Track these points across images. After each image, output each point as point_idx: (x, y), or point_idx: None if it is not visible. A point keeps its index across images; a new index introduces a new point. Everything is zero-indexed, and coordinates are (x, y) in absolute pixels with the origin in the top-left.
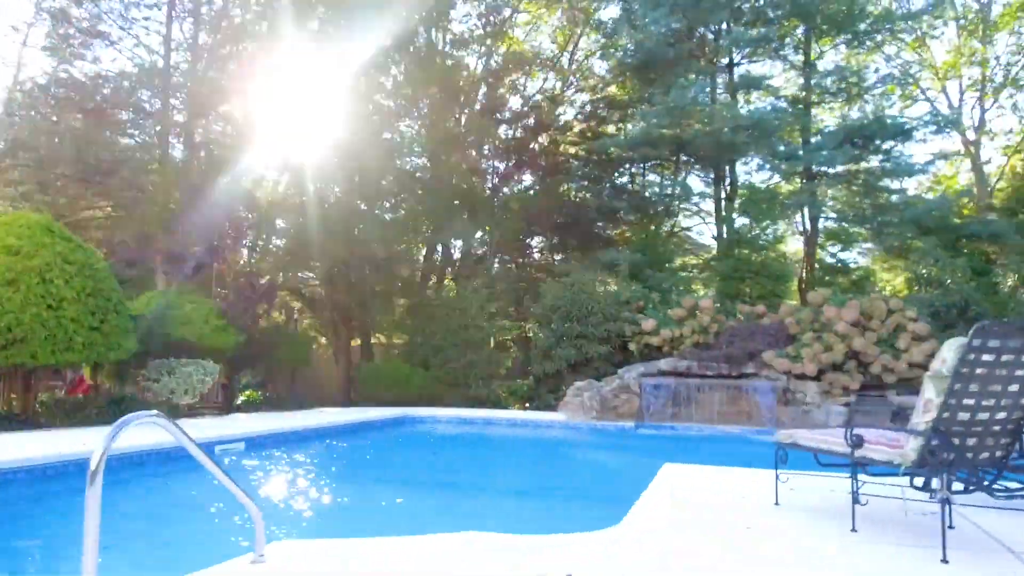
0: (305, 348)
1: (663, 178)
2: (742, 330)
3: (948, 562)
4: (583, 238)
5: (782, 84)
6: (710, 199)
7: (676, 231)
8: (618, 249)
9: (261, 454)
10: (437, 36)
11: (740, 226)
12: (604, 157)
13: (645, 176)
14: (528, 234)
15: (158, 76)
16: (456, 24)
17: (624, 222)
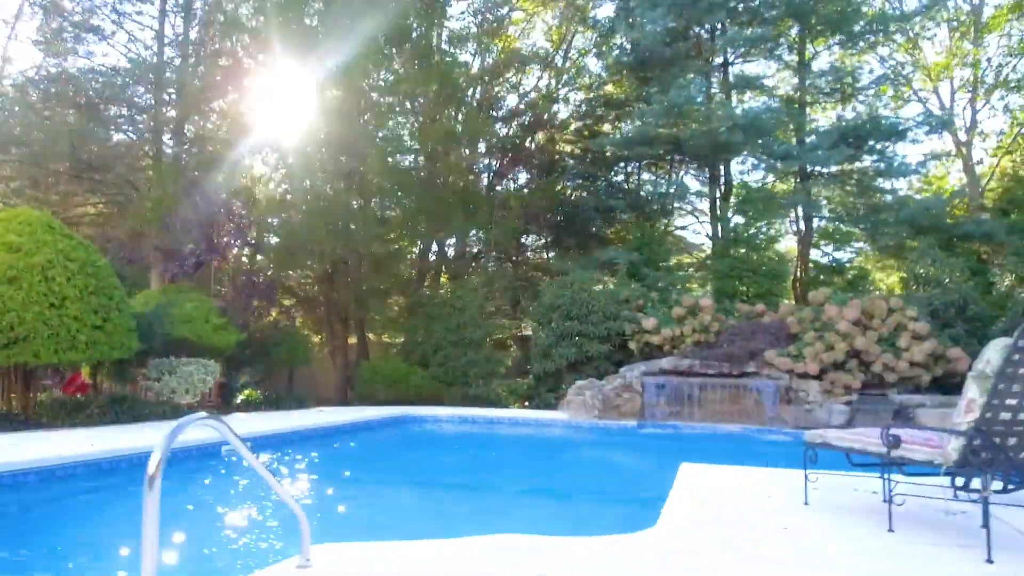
0: (304, 347)
1: (658, 177)
2: (743, 329)
3: (993, 562)
4: (579, 237)
5: (776, 84)
6: (705, 198)
7: (671, 230)
8: (615, 248)
9: (266, 454)
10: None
11: (735, 225)
12: (600, 155)
13: (640, 175)
14: (524, 232)
15: (151, 71)
16: (453, 22)
17: (620, 221)
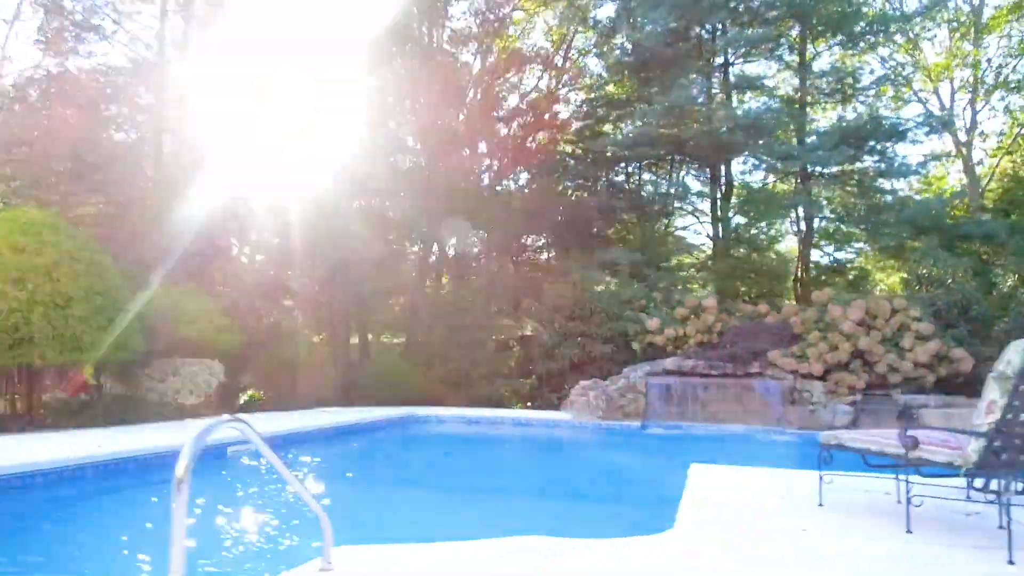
0: (306, 347)
1: (658, 177)
2: (746, 330)
3: (1014, 563)
4: (580, 237)
5: (776, 84)
6: (706, 199)
7: (671, 230)
8: (617, 248)
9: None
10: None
11: (737, 225)
12: (600, 155)
13: (641, 175)
14: (526, 233)
15: (153, 71)
16: (455, 21)
17: (621, 221)
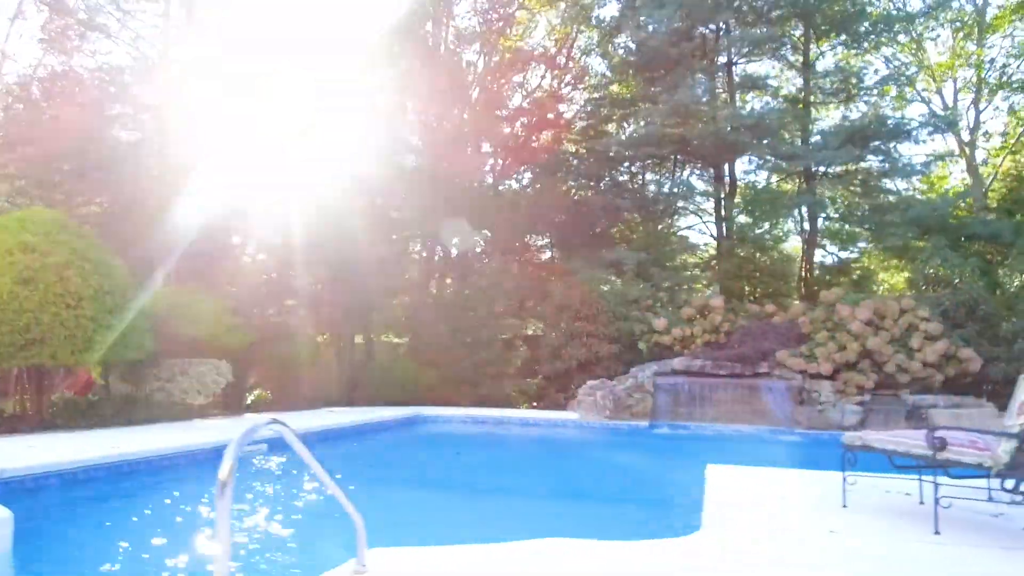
0: (314, 347)
1: (661, 177)
2: (754, 329)
3: None
4: (584, 237)
5: (780, 84)
6: (710, 198)
7: (675, 230)
8: (622, 248)
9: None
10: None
11: (741, 225)
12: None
13: (644, 175)
14: (529, 232)
15: (156, 70)
16: (459, 20)
17: (625, 220)
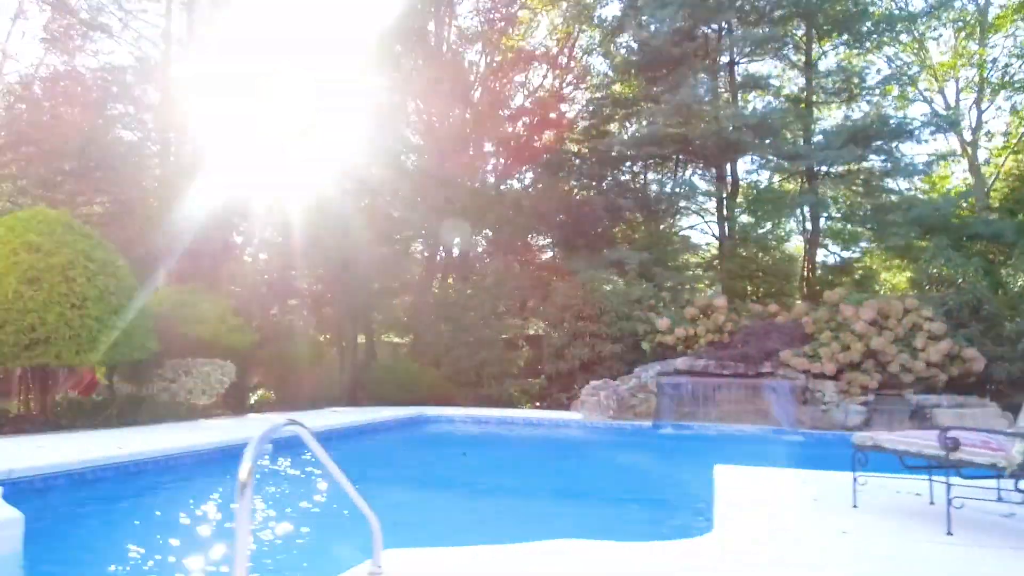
0: (317, 347)
1: (663, 176)
2: (757, 329)
3: None
4: (586, 236)
5: (782, 84)
6: (712, 198)
7: (677, 230)
8: (624, 247)
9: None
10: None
11: (744, 224)
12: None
13: (646, 174)
14: (531, 232)
15: (158, 69)
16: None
17: (627, 220)
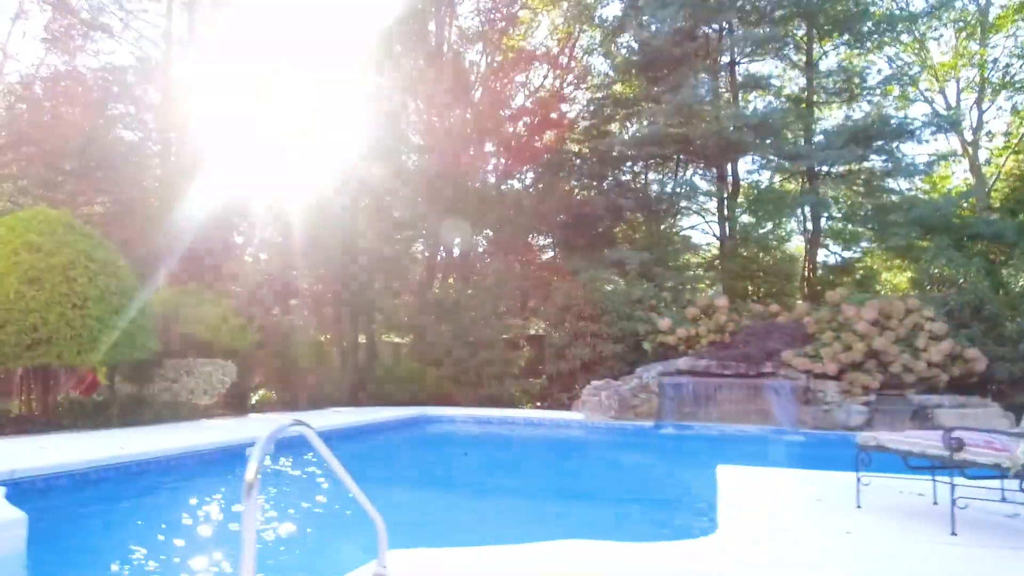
0: (318, 347)
1: (664, 176)
2: (758, 329)
3: None
4: (587, 236)
5: (782, 84)
6: (713, 198)
7: (678, 230)
8: (625, 247)
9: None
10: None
11: (745, 224)
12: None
13: (647, 174)
14: (532, 232)
15: (161, 69)
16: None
17: (627, 220)
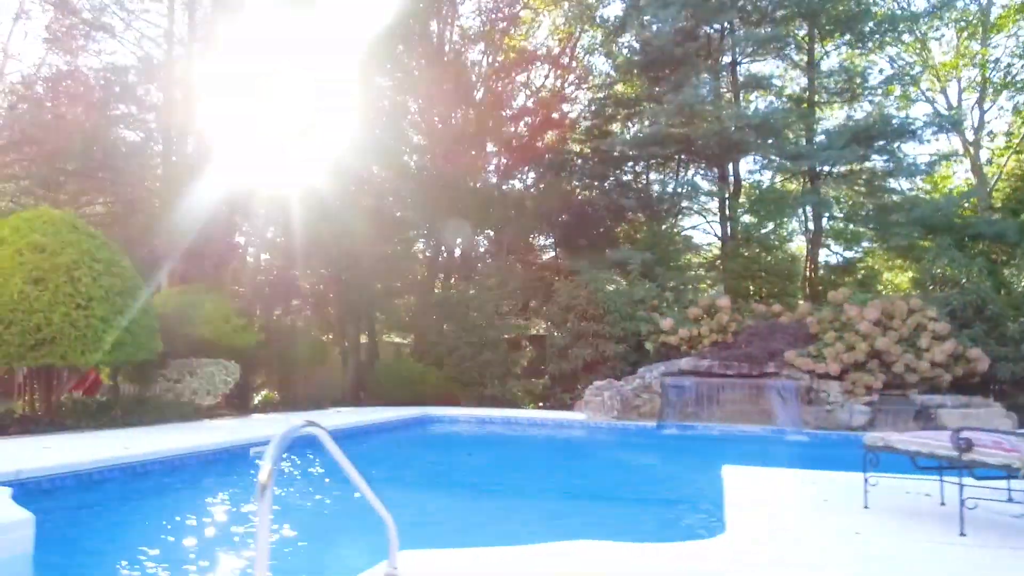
0: (321, 347)
1: (665, 176)
2: (761, 329)
3: None
4: (589, 237)
5: (784, 84)
6: (714, 198)
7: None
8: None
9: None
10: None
11: (747, 224)
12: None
13: (648, 174)
14: (534, 232)
15: (162, 69)
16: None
17: (629, 220)
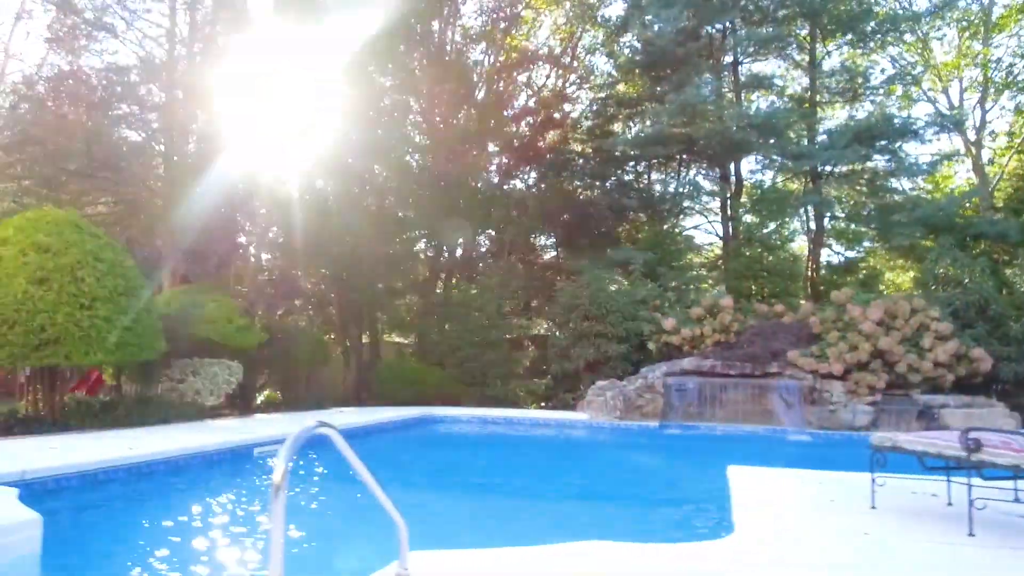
0: (323, 347)
1: (667, 176)
2: (764, 329)
3: None
4: (591, 236)
5: (785, 83)
6: (716, 198)
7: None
8: (628, 247)
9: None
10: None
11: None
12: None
13: (650, 174)
14: (535, 232)
15: (164, 69)
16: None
17: (631, 220)
